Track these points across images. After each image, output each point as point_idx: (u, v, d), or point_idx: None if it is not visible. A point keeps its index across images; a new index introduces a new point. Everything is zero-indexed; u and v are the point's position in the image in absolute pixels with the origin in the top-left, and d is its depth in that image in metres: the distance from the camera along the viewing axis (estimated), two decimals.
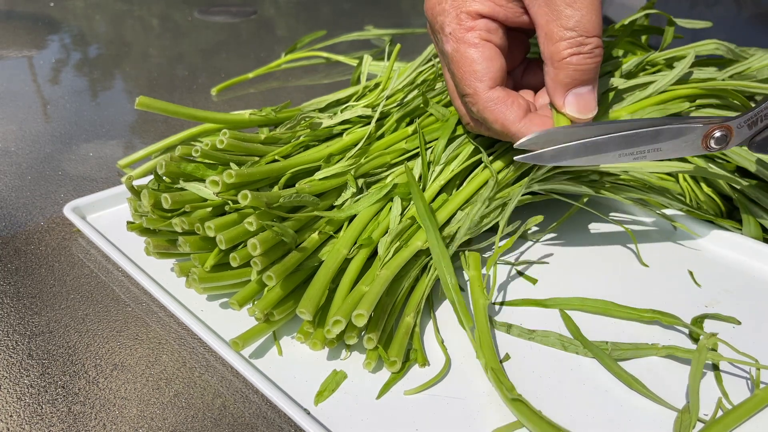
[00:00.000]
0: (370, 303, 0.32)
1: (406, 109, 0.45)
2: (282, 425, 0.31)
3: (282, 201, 0.34)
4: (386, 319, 0.34)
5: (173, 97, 0.69)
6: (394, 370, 0.33)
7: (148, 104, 0.40)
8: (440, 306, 0.38)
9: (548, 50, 0.37)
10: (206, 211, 0.36)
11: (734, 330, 0.37)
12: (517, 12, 0.38)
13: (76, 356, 0.35)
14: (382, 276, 0.34)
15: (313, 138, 0.42)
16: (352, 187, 0.39)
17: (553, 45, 0.36)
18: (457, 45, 0.38)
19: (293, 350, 0.35)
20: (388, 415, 0.31)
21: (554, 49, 0.36)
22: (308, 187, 0.37)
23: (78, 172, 0.53)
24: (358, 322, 0.31)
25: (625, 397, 0.32)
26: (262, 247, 0.32)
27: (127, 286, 0.40)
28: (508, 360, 0.35)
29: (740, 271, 0.42)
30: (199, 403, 0.32)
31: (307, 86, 0.73)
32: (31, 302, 0.39)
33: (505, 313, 0.38)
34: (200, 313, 0.37)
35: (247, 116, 0.46)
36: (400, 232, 0.37)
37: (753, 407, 0.31)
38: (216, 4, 1.05)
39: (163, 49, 0.86)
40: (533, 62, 0.44)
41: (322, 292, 0.33)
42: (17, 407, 0.31)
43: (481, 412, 0.31)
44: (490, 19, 0.38)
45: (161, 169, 0.36)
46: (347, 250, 0.36)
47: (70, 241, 0.45)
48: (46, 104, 0.67)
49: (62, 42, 0.88)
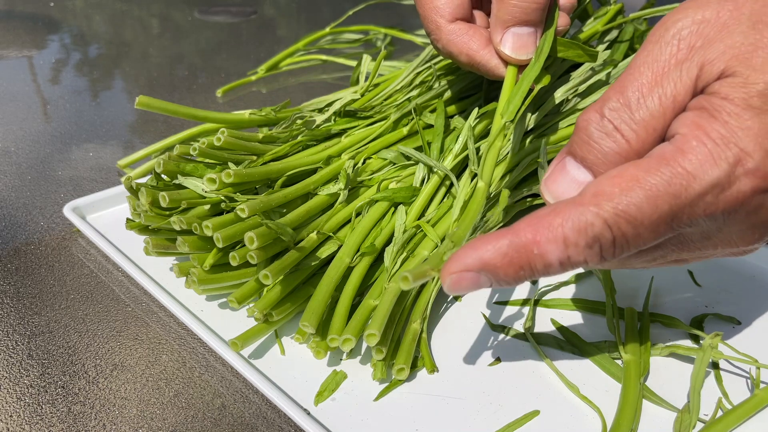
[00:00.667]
0: (381, 321, 0.31)
1: (404, 110, 0.44)
2: (282, 425, 0.31)
3: None
4: (394, 328, 0.34)
5: (173, 97, 0.69)
6: (402, 378, 0.33)
7: (147, 104, 0.40)
8: (441, 306, 0.38)
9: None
10: (204, 209, 0.36)
11: (734, 330, 0.37)
12: None
13: (76, 356, 0.35)
14: (390, 290, 0.33)
15: (311, 138, 0.42)
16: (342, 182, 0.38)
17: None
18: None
19: (293, 350, 0.35)
20: (388, 415, 0.31)
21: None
22: None
23: (78, 172, 0.53)
24: (369, 341, 0.31)
25: None
26: (259, 241, 0.32)
27: (127, 286, 0.40)
28: (500, 363, 0.35)
29: (740, 271, 0.42)
30: (199, 403, 0.32)
31: (307, 86, 0.73)
32: (31, 302, 0.39)
33: (504, 313, 0.38)
34: (200, 313, 0.37)
35: (247, 116, 0.46)
36: (405, 241, 0.37)
37: (753, 407, 0.31)
38: (216, 4, 1.05)
39: (163, 49, 0.86)
40: None
41: (324, 304, 0.33)
42: (17, 407, 0.31)
43: (481, 412, 0.31)
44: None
45: (159, 167, 0.37)
46: (350, 259, 0.36)
47: (70, 241, 0.45)
48: (46, 104, 0.67)
49: (62, 42, 0.88)
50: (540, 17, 0.37)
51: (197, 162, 0.38)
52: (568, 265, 0.25)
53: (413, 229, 0.38)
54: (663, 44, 0.26)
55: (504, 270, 0.25)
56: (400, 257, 0.36)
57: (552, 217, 0.25)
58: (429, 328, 0.36)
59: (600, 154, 0.27)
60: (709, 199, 0.24)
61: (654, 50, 0.27)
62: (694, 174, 0.24)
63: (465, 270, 0.25)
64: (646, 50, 0.27)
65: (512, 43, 0.37)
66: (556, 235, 0.24)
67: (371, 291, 0.35)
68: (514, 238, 0.25)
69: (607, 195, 0.24)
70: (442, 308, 0.38)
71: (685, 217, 0.25)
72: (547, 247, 0.25)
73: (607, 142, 0.27)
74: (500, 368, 0.34)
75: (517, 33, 0.37)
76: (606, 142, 0.27)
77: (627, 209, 0.24)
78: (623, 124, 0.26)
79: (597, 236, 0.24)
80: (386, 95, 0.47)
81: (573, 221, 0.24)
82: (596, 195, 0.24)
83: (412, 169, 0.42)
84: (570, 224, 0.24)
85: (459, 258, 0.26)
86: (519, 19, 0.37)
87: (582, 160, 0.27)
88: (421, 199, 0.39)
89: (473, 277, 0.26)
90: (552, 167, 0.29)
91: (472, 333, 0.36)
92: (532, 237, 0.25)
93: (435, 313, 0.38)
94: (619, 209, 0.24)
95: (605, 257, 0.25)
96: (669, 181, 0.24)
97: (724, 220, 0.25)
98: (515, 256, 0.25)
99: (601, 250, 0.25)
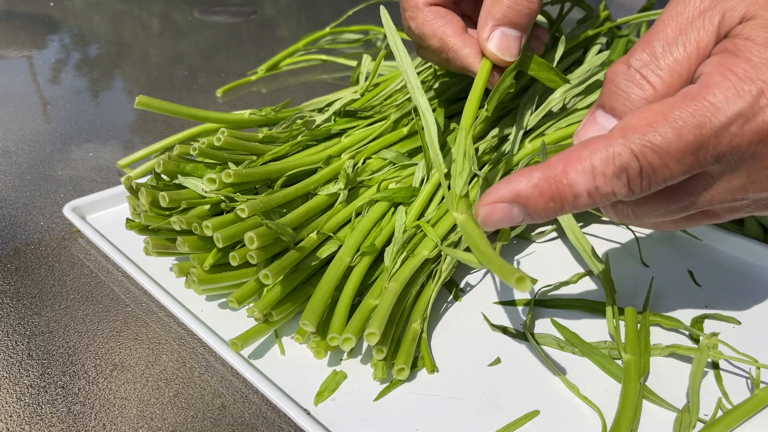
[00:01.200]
0: (381, 320, 0.31)
1: (404, 110, 0.45)
2: (282, 425, 0.31)
3: None
4: (394, 329, 0.34)
5: (173, 97, 0.69)
6: (402, 378, 0.33)
7: (147, 103, 0.40)
8: (441, 306, 0.38)
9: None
10: (204, 209, 0.36)
11: (734, 330, 0.37)
12: None
13: (76, 356, 0.35)
14: (391, 289, 0.34)
15: (311, 138, 0.42)
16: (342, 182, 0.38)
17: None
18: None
19: (293, 350, 0.35)
20: (388, 415, 0.31)
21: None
22: None
23: (78, 172, 0.53)
24: (370, 340, 0.31)
25: None
26: (259, 241, 0.32)
27: (127, 286, 0.40)
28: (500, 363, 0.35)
29: (740, 271, 0.42)
30: (199, 403, 0.32)
31: (307, 86, 0.73)
32: (31, 302, 0.39)
33: (504, 313, 0.38)
34: (200, 313, 0.37)
35: (247, 116, 0.46)
36: (405, 241, 0.37)
37: (753, 407, 0.31)
38: (216, 4, 1.05)
39: (163, 49, 0.86)
40: None
41: (325, 303, 0.33)
42: (17, 407, 0.31)
43: (481, 412, 0.31)
44: None
45: (159, 167, 0.37)
46: (350, 258, 0.36)
47: (70, 241, 0.45)
48: (46, 104, 0.67)
49: (62, 42, 0.88)
50: (528, 23, 0.38)
51: (197, 162, 0.38)
52: (597, 196, 0.26)
53: (413, 229, 0.38)
54: (687, 0, 0.28)
55: (535, 201, 0.26)
56: (400, 257, 0.36)
57: (581, 149, 0.26)
58: (429, 328, 0.36)
59: (628, 101, 0.28)
60: (734, 130, 0.25)
61: (678, 5, 0.28)
62: (718, 106, 0.25)
63: (499, 201, 0.27)
64: (670, 7, 0.28)
65: (498, 42, 0.37)
66: (584, 166, 0.25)
67: (371, 291, 0.35)
68: (546, 170, 0.26)
69: (633, 128, 0.25)
70: (442, 308, 0.38)
71: (711, 148, 0.25)
72: (576, 177, 0.26)
73: (634, 89, 0.28)
74: (500, 368, 0.34)
75: (505, 33, 0.37)
76: (633, 89, 0.28)
77: (653, 139, 0.25)
78: (649, 72, 0.28)
79: (624, 166, 0.25)
80: (386, 95, 0.47)
81: (601, 152, 0.25)
82: (623, 129, 0.25)
83: (412, 169, 0.42)
84: (598, 155, 0.25)
85: (494, 190, 0.27)
86: (509, 20, 0.37)
87: (611, 110, 0.28)
88: (421, 199, 0.39)
89: (506, 209, 0.27)
90: (584, 121, 0.30)
91: (472, 333, 0.36)
92: (563, 168, 0.26)
93: (435, 313, 0.38)
94: (646, 139, 0.25)
95: (633, 189, 0.26)
96: (694, 113, 0.25)
97: (751, 155, 0.26)
98: (546, 187, 0.26)
99: (629, 180, 0.25)
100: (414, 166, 0.42)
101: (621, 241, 0.45)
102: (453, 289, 0.40)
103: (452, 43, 0.39)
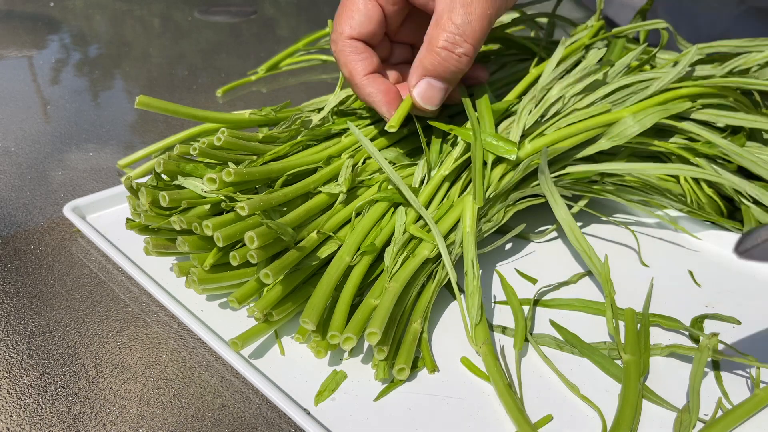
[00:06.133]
0: (382, 319, 0.31)
1: None
2: (282, 425, 0.31)
3: None
4: (395, 328, 0.34)
5: (173, 97, 0.69)
6: (402, 378, 0.33)
7: (148, 103, 0.40)
8: (441, 306, 0.38)
9: (431, 33, 0.39)
10: (204, 209, 0.36)
11: (734, 330, 0.37)
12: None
13: (76, 356, 0.35)
14: (391, 289, 0.34)
15: (311, 137, 0.42)
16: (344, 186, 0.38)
17: (435, 31, 0.38)
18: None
19: (293, 350, 0.35)
20: (388, 415, 0.31)
21: (434, 35, 0.38)
22: None
23: (78, 172, 0.53)
24: (371, 340, 0.31)
25: None
26: (259, 241, 0.32)
27: (127, 286, 0.40)
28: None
29: (740, 271, 0.42)
30: (199, 403, 0.32)
31: (307, 86, 0.73)
32: (31, 302, 0.39)
33: (505, 313, 0.38)
34: (200, 313, 0.37)
35: (247, 116, 0.46)
36: (405, 241, 0.37)
37: (753, 407, 0.31)
38: (216, 4, 1.05)
39: (163, 49, 0.86)
40: None
41: (325, 301, 0.33)
42: (17, 407, 0.31)
43: (481, 412, 0.31)
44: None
45: (159, 167, 0.36)
46: (350, 258, 0.36)
47: (70, 241, 0.45)
48: (46, 104, 0.67)
49: (62, 42, 0.88)
50: (455, 80, 0.40)
51: (197, 162, 0.38)
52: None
53: None
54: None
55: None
56: (401, 257, 0.36)
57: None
58: (429, 328, 0.36)
59: None
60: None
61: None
62: None
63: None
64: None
65: (423, 91, 0.40)
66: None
67: (372, 291, 0.35)
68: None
69: None
70: (443, 308, 0.38)
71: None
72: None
73: None
74: None
75: (431, 84, 0.40)
76: None
77: None
78: None
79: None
80: None
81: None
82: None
83: (412, 169, 0.42)
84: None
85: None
86: (438, 73, 0.39)
87: None
88: (421, 199, 0.39)
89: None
90: None
91: None
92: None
93: (435, 314, 0.38)
94: None
95: None
96: None
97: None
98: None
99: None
100: (414, 166, 0.42)
101: (621, 241, 0.45)
102: (453, 289, 0.40)
103: (358, 80, 0.41)
